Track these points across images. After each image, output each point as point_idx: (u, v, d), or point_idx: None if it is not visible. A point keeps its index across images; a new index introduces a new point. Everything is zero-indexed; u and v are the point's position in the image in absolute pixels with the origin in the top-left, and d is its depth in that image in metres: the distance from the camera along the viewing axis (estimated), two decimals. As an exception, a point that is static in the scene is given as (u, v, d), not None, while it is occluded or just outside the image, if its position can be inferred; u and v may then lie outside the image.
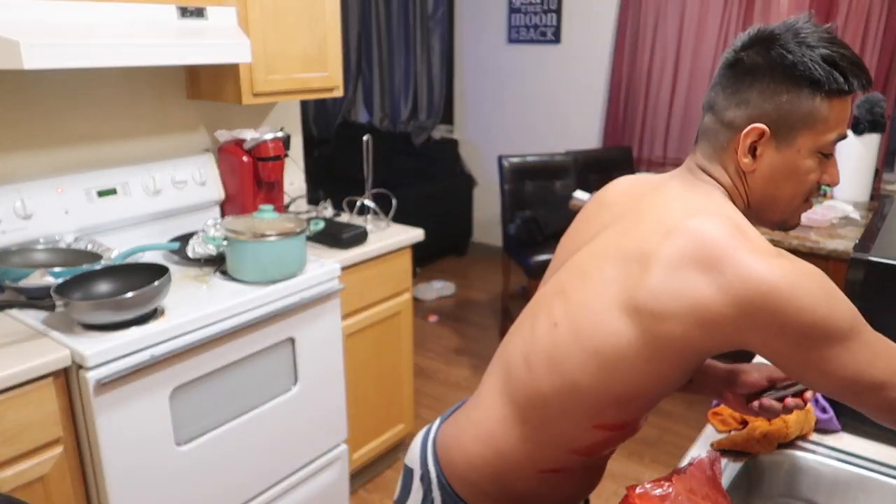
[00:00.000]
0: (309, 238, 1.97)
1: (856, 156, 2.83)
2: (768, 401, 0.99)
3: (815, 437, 1.19)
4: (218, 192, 2.22)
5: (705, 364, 1.09)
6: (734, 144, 0.87)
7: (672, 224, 0.84)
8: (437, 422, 1.12)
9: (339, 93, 2.31)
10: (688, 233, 0.82)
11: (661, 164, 4.08)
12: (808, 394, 0.99)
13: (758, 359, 1.35)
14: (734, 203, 0.89)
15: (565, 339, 0.90)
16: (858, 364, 0.78)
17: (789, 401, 0.98)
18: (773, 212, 0.91)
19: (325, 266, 1.98)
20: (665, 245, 0.82)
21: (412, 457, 1.10)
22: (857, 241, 1.20)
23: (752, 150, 0.86)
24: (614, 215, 0.96)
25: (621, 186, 1.03)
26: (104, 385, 1.47)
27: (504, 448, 0.97)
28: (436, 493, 1.03)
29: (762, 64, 0.83)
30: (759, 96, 0.83)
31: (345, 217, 2.41)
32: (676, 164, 3.56)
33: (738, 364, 1.08)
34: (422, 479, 1.06)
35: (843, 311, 0.77)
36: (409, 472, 1.09)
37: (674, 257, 0.81)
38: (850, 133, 2.79)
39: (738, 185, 0.89)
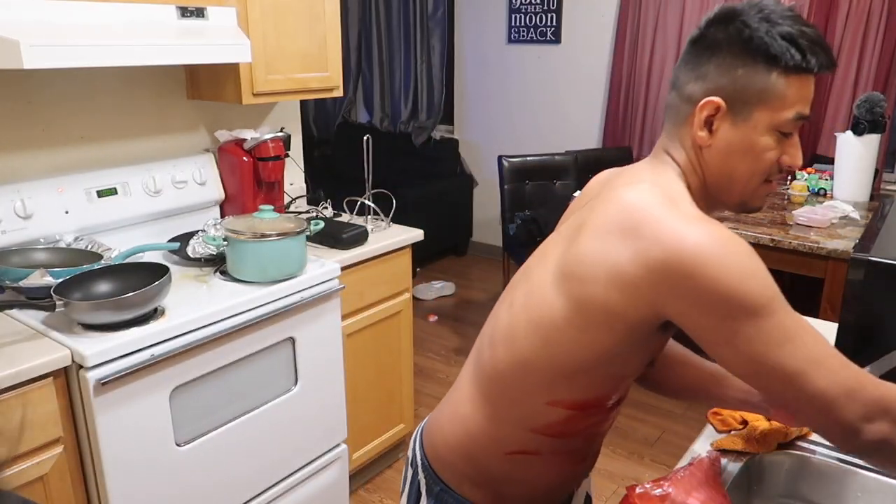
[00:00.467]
0: (309, 238, 1.97)
1: (856, 156, 2.83)
2: None
3: (815, 437, 1.18)
4: (218, 192, 2.22)
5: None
6: (692, 119, 0.86)
7: (608, 196, 0.87)
8: (431, 413, 1.15)
9: (339, 93, 2.31)
10: (616, 201, 0.83)
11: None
12: None
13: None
14: (689, 181, 0.89)
15: (518, 315, 0.92)
16: (767, 345, 0.75)
17: None
18: (730, 191, 0.89)
19: (325, 266, 1.98)
20: (596, 214, 0.85)
21: (409, 447, 1.14)
22: (857, 241, 1.20)
23: (709, 125, 0.85)
24: (585, 203, 0.99)
25: (599, 178, 1.06)
26: (104, 385, 1.47)
27: (472, 428, 0.99)
28: (421, 476, 1.06)
29: (722, 38, 0.83)
30: (717, 70, 0.83)
31: (345, 217, 2.41)
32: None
33: None
34: (411, 463, 1.09)
35: (759, 286, 0.75)
36: (406, 462, 1.13)
37: (601, 223, 0.83)
38: (850, 133, 2.81)
39: (695, 161, 0.89)
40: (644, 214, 0.79)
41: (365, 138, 2.36)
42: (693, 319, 0.78)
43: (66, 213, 1.86)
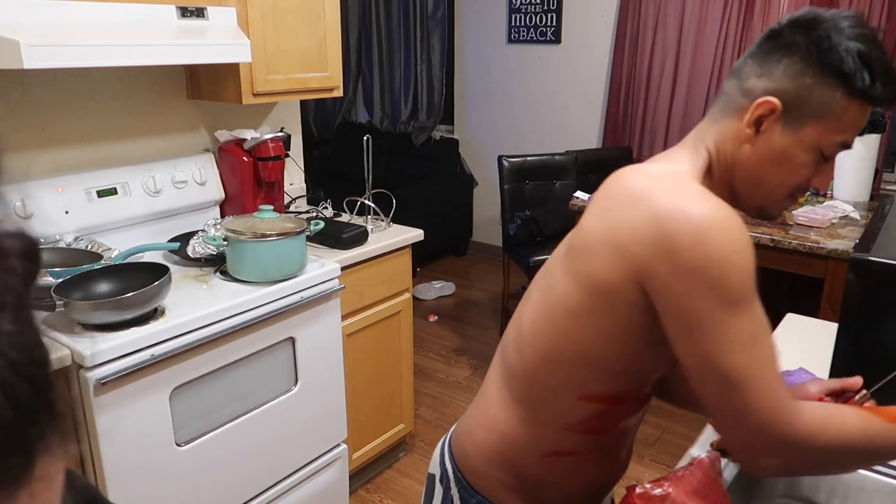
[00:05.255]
0: (309, 238, 1.97)
1: (856, 156, 2.83)
2: None
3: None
4: (218, 192, 2.22)
5: None
6: (743, 113, 0.84)
7: (612, 178, 0.87)
8: (456, 424, 1.12)
9: (339, 93, 2.31)
10: (618, 180, 0.84)
11: (661, 164, 4.07)
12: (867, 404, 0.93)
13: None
14: (715, 171, 0.88)
15: (539, 311, 0.91)
16: (720, 343, 0.73)
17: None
18: (753, 195, 0.88)
19: (325, 266, 1.98)
20: (598, 195, 0.85)
21: (433, 463, 1.09)
22: (857, 241, 1.20)
23: (758, 124, 0.83)
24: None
25: (617, 173, 1.07)
26: (104, 385, 1.47)
27: (507, 431, 0.96)
28: (454, 490, 1.02)
29: (799, 42, 0.81)
30: (784, 72, 0.81)
31: (345, 217, 2.41)
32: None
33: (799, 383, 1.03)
34: (441, 479, 1.05)
35: (738, 280, 0.72)
36: (431, 479, 1.08)
37: (602, 202, 0.83)
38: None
39: (730, 154, 0.87)
40: (643, 187, 0.79)
41: (365, 138, 2.36)
42: (665, 297, 0.76)
43: (66, 213, 1.86)
